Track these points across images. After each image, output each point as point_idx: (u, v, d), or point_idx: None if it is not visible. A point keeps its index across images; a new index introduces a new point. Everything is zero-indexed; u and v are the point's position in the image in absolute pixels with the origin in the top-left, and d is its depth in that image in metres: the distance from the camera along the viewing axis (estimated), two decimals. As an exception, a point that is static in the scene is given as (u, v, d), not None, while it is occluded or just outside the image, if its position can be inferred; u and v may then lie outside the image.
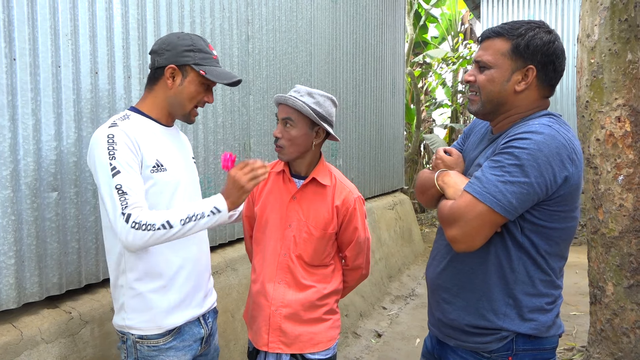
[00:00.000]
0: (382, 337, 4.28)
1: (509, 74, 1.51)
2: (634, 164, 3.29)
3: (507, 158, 1.41)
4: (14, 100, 1.81)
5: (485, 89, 1.54)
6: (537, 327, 1.50)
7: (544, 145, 1.39)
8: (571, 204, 1.47)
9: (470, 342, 1.55)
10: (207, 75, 1.71)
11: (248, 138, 3.30)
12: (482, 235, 1.43)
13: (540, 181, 1.38)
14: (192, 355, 1.82)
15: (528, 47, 1.48)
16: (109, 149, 1.58)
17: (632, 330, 3.29)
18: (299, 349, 1.93)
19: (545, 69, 1.51)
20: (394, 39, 6.83)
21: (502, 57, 1.51)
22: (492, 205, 1.39)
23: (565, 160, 1.41)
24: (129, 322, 1.71)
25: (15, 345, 1.76)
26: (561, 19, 9.75)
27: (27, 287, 1.88)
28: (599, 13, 3.36)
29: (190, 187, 1.84)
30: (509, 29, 1.51)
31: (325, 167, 2.03)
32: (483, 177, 1.42)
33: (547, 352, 1.54)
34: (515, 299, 1.49)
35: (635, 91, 3.33)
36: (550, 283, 1.52)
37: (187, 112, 1.78)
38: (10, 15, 1.79)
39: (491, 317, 1.51)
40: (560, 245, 1.51)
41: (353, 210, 1.98)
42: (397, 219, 6.49)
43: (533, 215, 1.44)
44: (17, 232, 1.83)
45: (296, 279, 1.94)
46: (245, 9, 3.25)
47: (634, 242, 3.28)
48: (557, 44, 1.51)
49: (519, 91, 1.52)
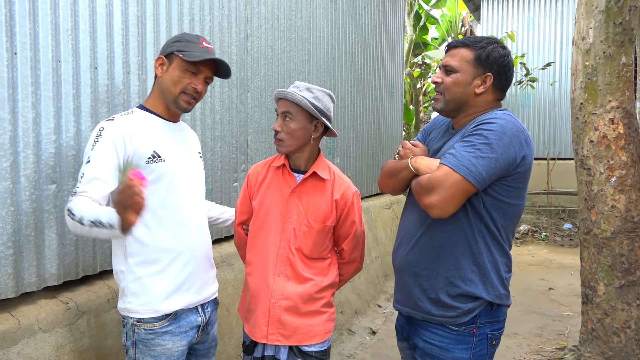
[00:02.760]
0: (376, 334, 4.32)
1: (471, 79, 1.79)
2: (626, 165, 3.33)
3: (477, 138, 1.66)
4: (14, 94, 1.84)
5: (450, 90, 1.81)
6: (497, 294, 1.75)
7: (507, 128, 1.66)
8: (524, 183, 1.74)
9: (439, 316, 1.77)
10: (185, 57, 1.79)
11: (245, 135, 3.34)
12: (455, 201, 1.66)
13: (505, 157, 1.64)
14: (188, 341, 1.87)
15: (488, 57, 1.77)
16: (94, 141, 1.73)
17: (623, 330, 3.32)
18: (297, 341, 1.97)
19: (500, 77, 1.80)
20: (393, 40, 6.86)
21: (466, 64, 1.79)
22: (466, 175, 1.62)
23: (523, 142, 1.68)
24: (128, 305, 1.79)
25: (13, 334, 1.79)
26: (560, 21, 9.79)
27: (25, 277, 1.91)
28: (594, 16, 3.40)
29: (191, 179, 1.91)
30: (473, 41, 1.80)
31: (325, 162, 2.07)
32: (457, 154, 1.66)
33: (501, 322, 1.81)
34: (479, 266, 1.74)
35: (628, 94, 3.36)
36: (504, 253, 1.78)
37: (174, 97, 1.84)
38: (12, 10, 1.82)
39: (459, 283, 1.74)
40: (513, 220, 1.78)
41: (351, 205, 2.05)
42: (394, 218, 6.53)
43: (494, 190, 1.70)
44: (16, 223, 1.86)
45: (296, 271, 1.97)
46: (245, 7, 3.29)
47: (625, 242, 3.32)
48: (509, 58, 1.82)
49: (478, 94, 1.80)
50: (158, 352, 1.78)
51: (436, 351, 1.79)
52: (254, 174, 2.11)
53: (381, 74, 6.36)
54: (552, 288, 5.72)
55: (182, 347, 1.84)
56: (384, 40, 6.47)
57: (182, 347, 1.84)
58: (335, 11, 4.88)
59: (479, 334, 1.75)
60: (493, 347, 1.81)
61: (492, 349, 1.80)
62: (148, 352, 1.78)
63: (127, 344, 1.81)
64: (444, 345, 1.77)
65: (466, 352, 1.75)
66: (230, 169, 3.17)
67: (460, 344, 1.75)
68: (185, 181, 1.88)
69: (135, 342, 1.79)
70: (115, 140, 1.72)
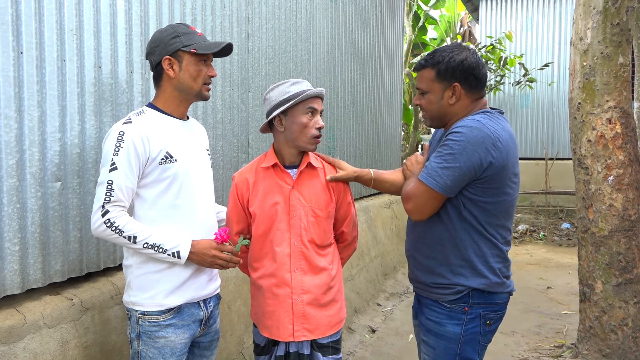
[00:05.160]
0: (376, 332, 4.35)
1: (441, 94, 1.90)
2: (623, 164, 3.36)
3: (445, 148, 1.81)
4: (20, 92, 1.87)
5: (428, 109, 1.96)
6: (488, 283, 1.87)
7: (471, 136, 1.77)
8: (499, 182, 1.83)
9: (434, 293, 1.95)
10: (199, 51, 1.82)
11: (247, 134, 3.36)
12: (428, 207, 1.86)
13: (469, 164, 1.76)
14: (191, 335, 1.90)
15: (447, 70, 1.86)
16: (117, 146, 1.75)
17: (620, 327, 3.36)
18: (320, 333, 1.99)
19: (467, 81, 1.87)
20: (392, 40, 6.89)
21: (432, 83, 1.91)
22: (432, 186, 1.80)
23: (490, 148, 1.77)
24: (133, 298, 1.84)
25: (19, 329, 1.82)
26: (558, 22, 9.83)
27: (30, 274, 1.94)
28: (591, 17, 3.43)
29: (201, 178, 1.95)
30: (429, 59, 1.91)
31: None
32: (428, 165, 1.85)
33: (498, 306, 1.93)
34: (467, 261, 1.87)
35: (626, 94, 3.40)
36: (493, 245, 1.88)
37: (198, 91, 1.89)
38: (18, 10, 1.85)
39: (449, 276, 1.90)
40: (498, 215, 1.87)
41: (344, 187, 2.12)
42: (393, 217, 6.56)
43: (469, 192, 1.83)
44: (21, 220, 1.89)
45: (310, 264, 2.00)
46: (246, 8, 3.31)
47: (622, 241, 3.36)
48: (470, 59, 1.86)
49: (452, 104, 1.90)
50: (162, 344, 1.82)
51: (432, 325, 1.96)
52: (243, 181, 2.06)
53: (380, 74, 6.39)
54: (551, 287, 5.75)
55: (185, 340, 1.87)
56: (383, 40, 6.50)
57: (185, 339, 1.88)
58: (335, 11, 4.91)
59: (471, 312, 1.89)
60: (488, 326, 1.92)
61: (486, 328, 1.92)
62: (152, 343, 1.82)
63: (132, 336, 1.85)
64: (438, 320, 1.93)
65: (457, 327, 1.90)
66: (231, 168, 3.19)
67: (452, 319, 1.91)
68: (195, 181, 1.91)
69: (140, 335, 1.82)
70: (137, 144, 1.76)
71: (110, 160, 1.74)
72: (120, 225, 1.73)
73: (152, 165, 1.80)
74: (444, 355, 1.93)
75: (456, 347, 1.90)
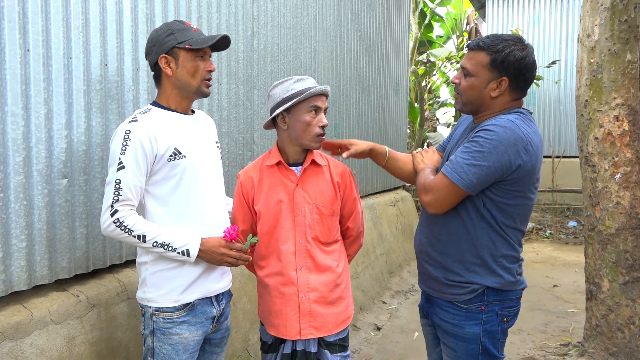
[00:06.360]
0: (381, 330, 4.34)
1: (486, 83, 1.82)
2: (631, 162, 3.34)
3: (474, 145, 1.75)
4: (27, 90, 1.88)
5: (466, 93, 1.87)
6: (502, 282, 1.85)
7: (504, 136, 1.71)
8: (523, 186, 1.79)
9: (448, 293, 1.90)
10: (193, 46, 1.82)
11: (252, 132, 3.37)
12: (447, 202, 1.81)
13: (497, 165, 1.72)
14: (204, 332, 1.92)
15: (503, 62, 1.78)
16: (124, 144, 1.75)
17: (627, 325, 3.34)
18: (327, 331, 1.99)
19: (517, 79, 1.81)
20: (398, 37, 6.88)
21: (481, 68, 1.82)
22: (457, 182, 1.76)
23: (521, 151, 1.72)
24: (148, 295, 1.85)
25: (26, 325, 1.83)
26: (565, 19, 9.77)
27: (37, 270, 1.95)
28: (599, 13, 3.40)
29: (211, 172, 1.96)
30: (489, 44, 1.80)
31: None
32: (454, 159, 1.79)
33: (513, 301, 1.91)
34: (482, 259, 1.84)
35: (633, 91, 3.37)
36: (510, 246, 1.86)
37: (197, 87, 1.88)
38: (25, 7, 1.85)
39: (464, 273, 1.87)
40: (515, 219, 1.84)
41: (350, 183, 2.12)
42: (399, 215, 6.55)
43: (492, 192, 1.79)
44: (28, 216, 1.90)
45: (315, 262, 2.00)
46: (251, 5, 3.31)
47: (630, 239, 3.34)
48: (528, 59, 1.80)
49: (494, 97, 1.83)
50: (175, 341, 1.83)
51: (450, 327, 1.92)
52: (248, 179, 2.07)
53: (386, 72, 6.38)
54: (557, 285, 5.73)
55: (198, 337, 1.88)
56: (389, 38, 6.48)
57: (199, 336, 1.89)
58: (340, 9, 4.90)
59: (488, 310, 1.86)
60: (505, 323, 1.90)
61: (504, 326, 1.89)
62: (166, 340, 1.83)
63: (146, 332, 1.86)
64: (456, 322, 1.90)
65: (476, 328, 1.87)
66: (237, 165, 3.20)
67: (470, 320, 1.87)
68: (205, 175, 1.91)
69: (154, 331, 1.83)
70: (144, 142, 1.76)
71: (118, 159, 1.75)
72: (130, 225, 1.74)
73: (161, 163, 1.80)
74: (466, 356, 1.90)
75: (477, 347, 1.88)
